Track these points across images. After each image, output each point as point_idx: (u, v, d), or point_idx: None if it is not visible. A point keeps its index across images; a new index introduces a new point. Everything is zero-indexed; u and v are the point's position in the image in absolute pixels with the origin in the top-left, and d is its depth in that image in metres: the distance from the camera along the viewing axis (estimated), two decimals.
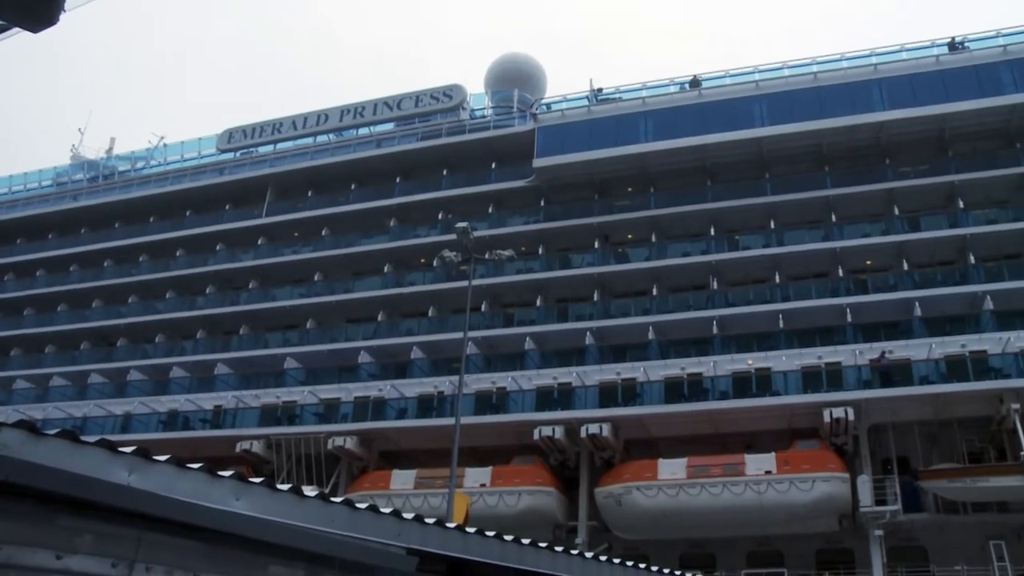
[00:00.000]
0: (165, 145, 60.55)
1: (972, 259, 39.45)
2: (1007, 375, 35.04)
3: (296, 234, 51.65)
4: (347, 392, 42.90)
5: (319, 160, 52.90)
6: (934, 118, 41.96)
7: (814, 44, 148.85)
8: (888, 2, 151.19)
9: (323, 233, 50.15)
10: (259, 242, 51.51)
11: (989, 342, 36.21)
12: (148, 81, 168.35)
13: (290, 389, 44.16)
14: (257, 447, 40.84)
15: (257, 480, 6.22)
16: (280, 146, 55.71)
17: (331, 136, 54.80)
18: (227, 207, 53.79)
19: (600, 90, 48.67)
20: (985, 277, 38.80)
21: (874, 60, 43.96)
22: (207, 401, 44.91)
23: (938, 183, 41.85)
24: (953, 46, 43.94)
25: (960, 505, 34.28)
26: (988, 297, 37.43)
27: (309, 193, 52.23)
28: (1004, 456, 34.37)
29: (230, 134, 56.59)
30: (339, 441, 39.69)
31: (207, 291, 51.06)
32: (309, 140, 54.88)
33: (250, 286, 50.17)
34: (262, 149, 56.42)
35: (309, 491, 6.66)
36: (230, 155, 57.06)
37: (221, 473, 5.93)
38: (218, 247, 52.27)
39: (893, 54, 44.33)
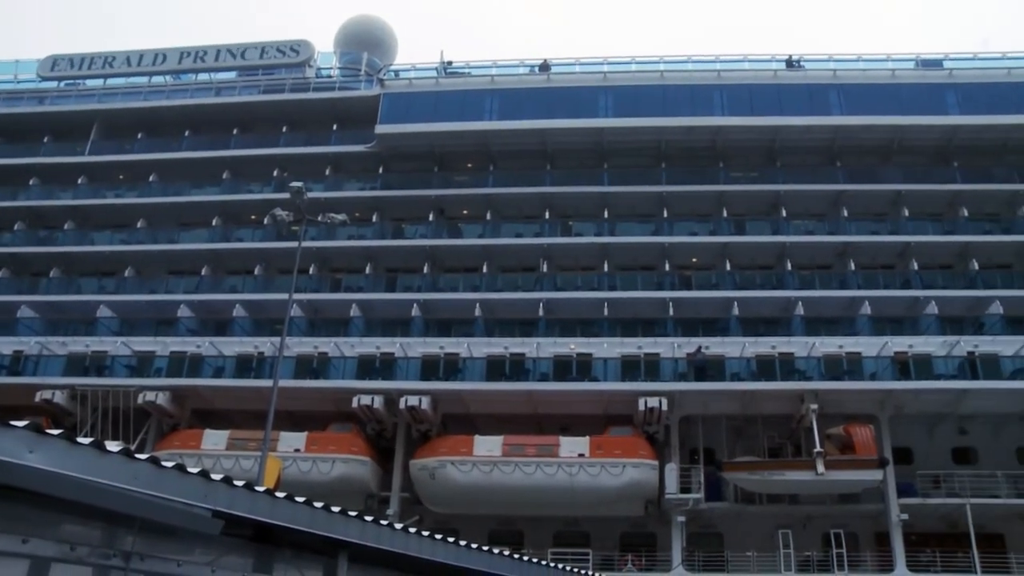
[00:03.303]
0: None
1: (789, 266, 41.58)
2: (809, 377, 37.30)
3: (121, 177, 48.88)
4: (163, 346, 40.99)
5: (153, 102, 50.29)
6: (767, 128, 44.09)
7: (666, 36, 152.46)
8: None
9: (151, 179, 47.68)
10: (79, 181, 48.34)
11: (797, 345, 38.33)
12: None
13: (101, 338, 41.66)
14: (60, 397, 38.23)
15: (55, 432, 5.71)
16: (111, 82, 52.38)
17: (167, 78, 51.88)
18: (45, 140, 50.19)
19: (450, 63, 48.55)
20: (799, 284, 41.07)
21: (718, 66, 45.81)
22: (6, 345, 41.70)
23: (765, 191, 44.04)
24: (790, 63, 46.32)
25: (757, 496, 36.08)
26: (800, 303, 39.56)
27: (139, 135, 49.45)
28: (800, 452, 36.48)
29: (54, 61, 52.72)
30: (150, 396, 37.71)
31: (15, 227, 47.57)
32: (143, 79, 51.91)
33: (65, 227, 47.05)
34: (90, 83, 52.94)
35: (113, 446, 6.18)
36: (52, 84, 53.25)
37: (14, 423, 5.39)
38: (32, 182, 48.80)
39: (736, 63, 46.35)
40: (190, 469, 6.92)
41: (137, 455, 6.40)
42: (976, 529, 33.93)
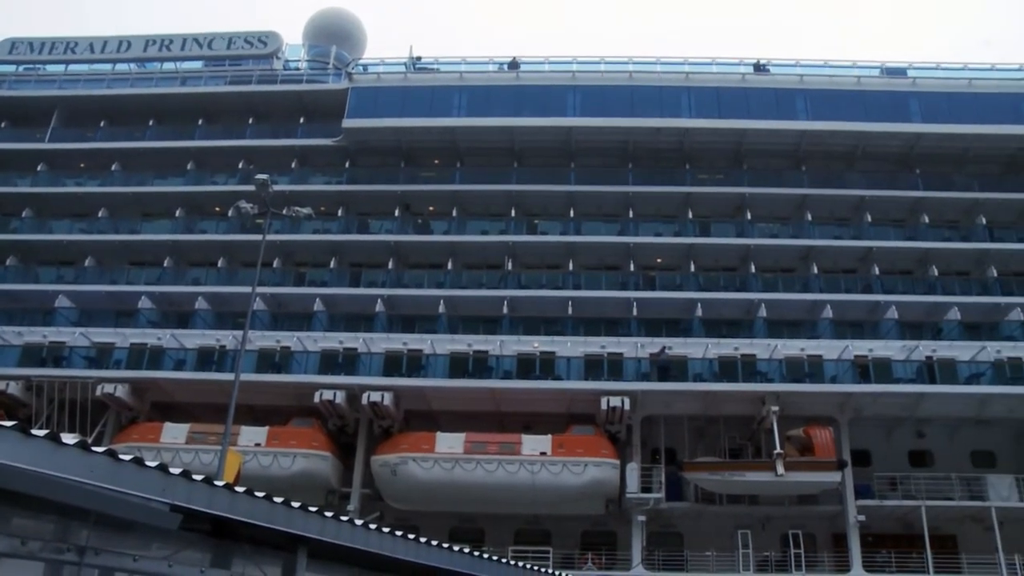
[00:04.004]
0: None
1: (753, 268, 41.95)
2: (771, 379, 37.69)
3: (83, 165, 48.05)
4: (123, 337, 40.41)
5: (116, 89, 49.39)
6: (734, 132, 44.41)
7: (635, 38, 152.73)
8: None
9: (113, 168, 46.94)
10: (39, 168, 47.49)
11: (759, 347, 38.68)
12: None
13: (59, 329, 41.03)
14: (15, 388, 37.61)
15: (8, 424, 5.62)
16: (72, 68, 51.33)
17: (132, 66, 51.11)
18: (3, 125, 49.36)
19: (419, 58, 48.41)
20: (762, 286, 41.40)
21: (686, 69, 46.02)
22: None
23: (730, 193, 44.32)
24: (758, 67, 46.60)
25: (717, 496, 36.36)
26: (763, 305, 39.92)
27: (102, 123, 48.71)
28: (760, 453, 36.90)
29: (13, 44, 51.53)
30: (109, 388, 37.14)
31: None
32: (107, 67, 50.92)
33: (24, 214, 46.22)
34: (50, 68, 51.79)
35: (69, 439, 6.08)
36: (11, 68, 51.88)
37: None
38: None
39: (704, 66, 46.60)
40: (148, 462, 6.84)
41: (94, 448, 6.31)
42: (930, 530, 34.53)
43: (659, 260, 43.63)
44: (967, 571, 34.50)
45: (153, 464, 6.88)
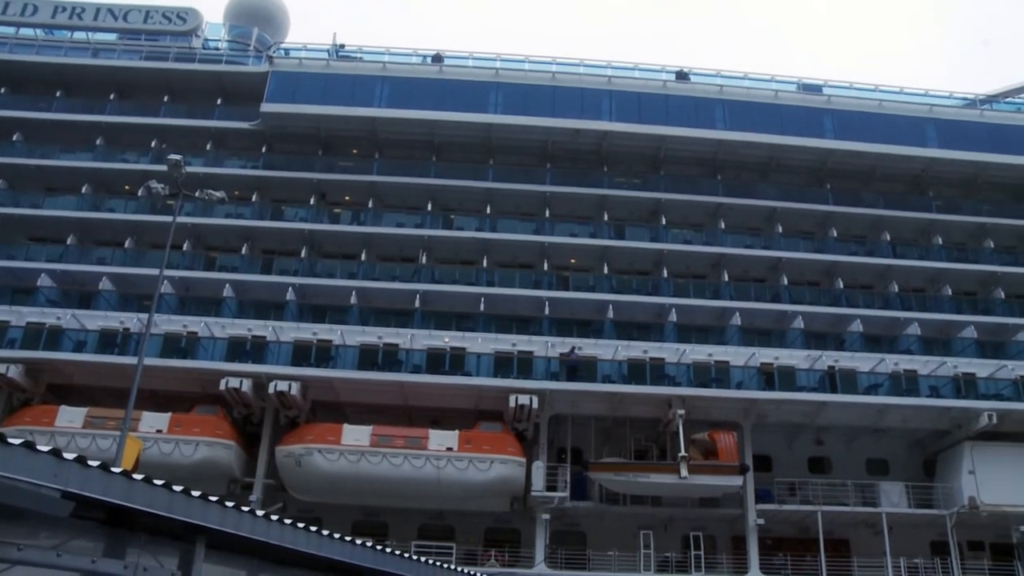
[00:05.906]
0: None
1: (665, 273, 42.52)
2: (678, 383, 38.21)
3: None
4: (19, 316, 38.74)
5: (19, 56, 47.24)
6: (653, 137, 44.96)
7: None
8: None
9: (14, 138, 45.13)
10: None
11: (668, 351, 39.23)
12: None
13: None
14: None
15: None
16: None
17: (39, 32, 49.06)
18: None
19: (342, 46, 47.95)
20: (673, 291, 41.94)
21: (609, 72, 46.54)
22: None
23: (646, 198, 44.85)
24: (680, 75, 47.25)
25: (621, 497, 36.78)
26: (674, 310, 40.48)
27: (2, 90, 46.78)
28: (665, 456, 37.36)
29: None
30: (1, 368, 35.74)
31: None
32: (9, 30, 48.57)
33: None
34: None
35: None
36: None
37: None
38: None
39: (626, 70, 47.08)
40: (40, 447, 6.55)
41: None
42: (825, 535, 35.65)
43: (573, 261, 43.89)
44: (858, 574, 35.65)
45: (45, 448, 6.60)
